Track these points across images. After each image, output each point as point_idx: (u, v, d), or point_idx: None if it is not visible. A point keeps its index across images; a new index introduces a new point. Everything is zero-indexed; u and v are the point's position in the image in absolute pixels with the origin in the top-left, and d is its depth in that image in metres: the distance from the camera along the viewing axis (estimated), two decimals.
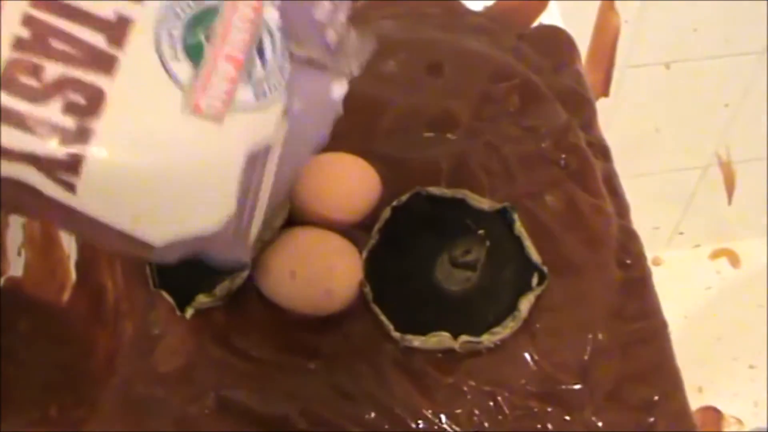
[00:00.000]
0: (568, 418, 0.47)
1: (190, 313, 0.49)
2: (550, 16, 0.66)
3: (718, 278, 1.28)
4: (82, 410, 0.53)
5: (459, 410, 0.47)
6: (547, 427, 0.47)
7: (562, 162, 0.55)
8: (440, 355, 0.48)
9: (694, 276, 1.27)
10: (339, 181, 0.50)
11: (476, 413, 0.47)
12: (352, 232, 0.49)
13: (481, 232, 0.51)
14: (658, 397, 0.49)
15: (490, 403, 0.47)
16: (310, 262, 0.47)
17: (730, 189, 1.21)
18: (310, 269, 0.47)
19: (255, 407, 0.46)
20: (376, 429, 0.46)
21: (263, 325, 0.49)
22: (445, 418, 0.46)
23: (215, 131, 0.34)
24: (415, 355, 0.48)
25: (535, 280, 0.50)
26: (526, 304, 0.49)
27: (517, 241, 0.51)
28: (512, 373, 0.48)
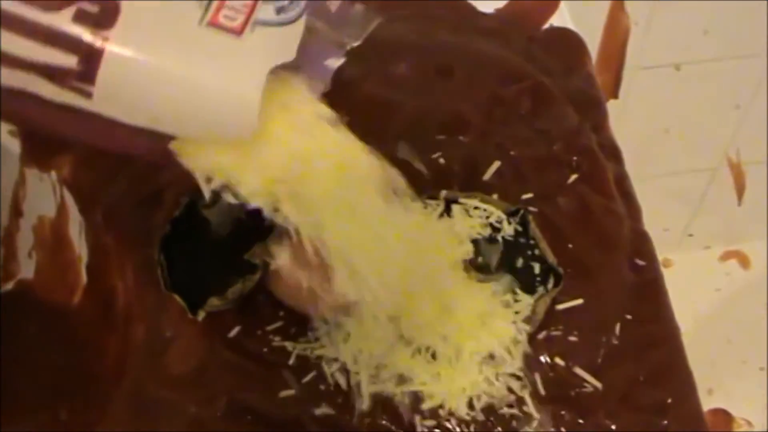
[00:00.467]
0: (582, 421, 0.47)
1: (201, 315, 0.49)
2: (561, 18, 0.66)
3: (728, 280, 1.27)
4: (93, 413, 0.53)
5: None
6: (561, 430, 0.46)
7: (574, 164, 0.55)
8: None
9: (704, 278, 1.26)
10: None
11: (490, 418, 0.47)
12: None
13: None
14: (671, 400, 0.49)
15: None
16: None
17: (740, 191, 1.21)
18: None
19: (267, 410, 0.46)
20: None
21: (275, 328, 0.49)
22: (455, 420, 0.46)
23: (235, 44, 0.34)
24: None
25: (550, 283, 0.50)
26: (542, 306, 0.49)
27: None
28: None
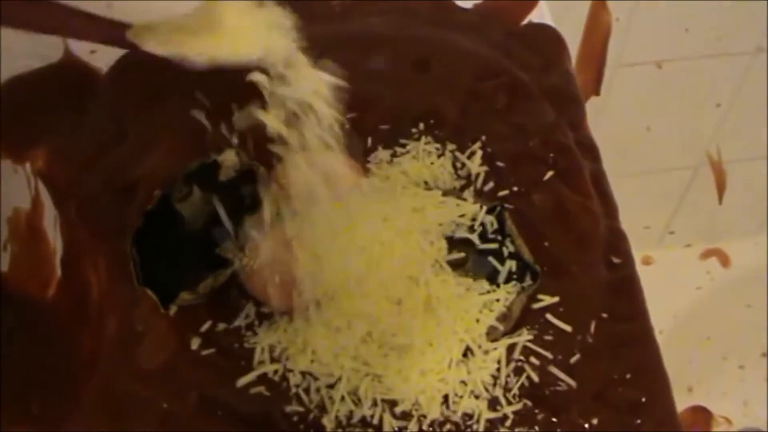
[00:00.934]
0: (555, 419, 0.47)
1: (173, 310, 0.48)
2: (540, 14, 0.66)
3: (708, 278, 1.27)
4: (65, 407, 0.53)
5: None
6: (534, 429, 0.46)
7: (551, 161, 0.55)
8: None
9: (684, 275, 1.26)
10: None
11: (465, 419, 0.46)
12: None
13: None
14: (645, 399, 0.49)
15: None
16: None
17: (721, 189, 1.21)
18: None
19: (238, 406, 0.46)
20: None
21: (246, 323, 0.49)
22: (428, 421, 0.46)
23: None
24: None
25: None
26: (518, 305, 0.48)
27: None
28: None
